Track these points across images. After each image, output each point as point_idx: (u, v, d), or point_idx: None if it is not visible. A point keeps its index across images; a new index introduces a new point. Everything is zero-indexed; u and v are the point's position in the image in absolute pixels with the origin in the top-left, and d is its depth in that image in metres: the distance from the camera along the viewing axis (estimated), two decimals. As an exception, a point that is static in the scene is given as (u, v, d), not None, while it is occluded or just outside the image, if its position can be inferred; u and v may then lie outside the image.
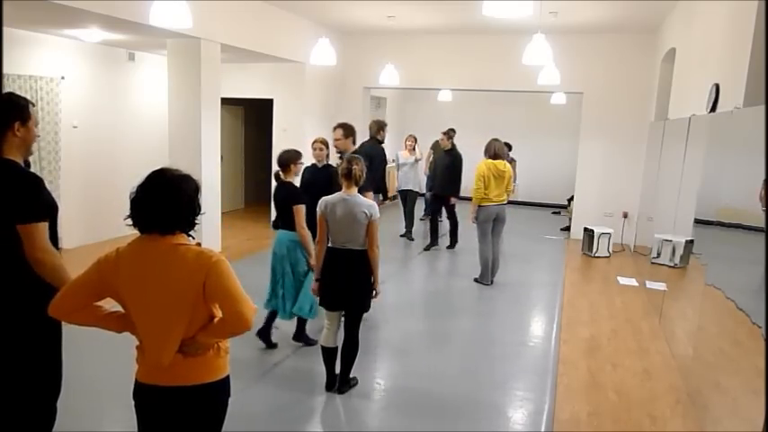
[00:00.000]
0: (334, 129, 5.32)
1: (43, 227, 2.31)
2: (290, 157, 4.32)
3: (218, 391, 2.07)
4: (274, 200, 4.44)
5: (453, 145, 8.10)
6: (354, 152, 7.39)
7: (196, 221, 2.02)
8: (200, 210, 2.02)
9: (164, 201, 1.93)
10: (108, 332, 2.06)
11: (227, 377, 2.11)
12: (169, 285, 1.92)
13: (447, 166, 8.02)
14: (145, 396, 2.05)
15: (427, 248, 8.11)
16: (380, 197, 7.05)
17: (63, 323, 2.15)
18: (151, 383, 2.02)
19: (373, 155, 7.04)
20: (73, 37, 6.90)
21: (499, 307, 5.94)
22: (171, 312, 1.94)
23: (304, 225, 4.20)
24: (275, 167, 4.43)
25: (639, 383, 4.18)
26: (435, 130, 10.46)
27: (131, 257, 1.96)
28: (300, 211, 4.19)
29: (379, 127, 7.08)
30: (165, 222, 1.94)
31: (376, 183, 7.03)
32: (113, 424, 3.42)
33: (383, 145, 6.77)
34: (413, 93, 12.78)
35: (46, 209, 2.36)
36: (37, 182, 2.35)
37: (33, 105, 2.48)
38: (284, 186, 4.33)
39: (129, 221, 1.96)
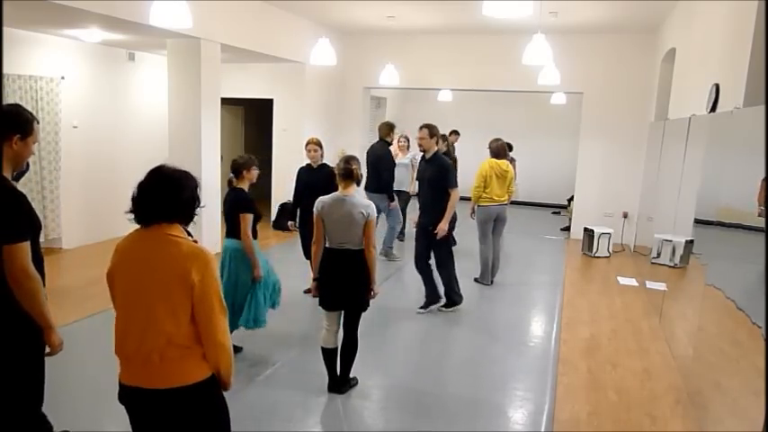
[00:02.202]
0: (420, 128, 5.36)
1: (25, 246, 2.24)
2: (244, 164, 4.17)
3: (203, 392, 2.02)
4: (223, 205, 4.26)
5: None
6: (369, 153, 7.42)
7: (195, 213, 2.08)
8: (199, 202, 2.08)
9: (161, 191, 2.00)
10: (107, 332, 2.05)
11: (212, 377, 2.03)
12: (157, 267, 1.96)
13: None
14: (128, 399, 2.04)
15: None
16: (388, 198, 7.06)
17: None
18: (134, 386, 2.01)
19: (382, 156, 7.08)
20: (73, 37, 6.90)
21: (499, 307, 5.94)
22: (155, 294, 1.96)
23: (249, 234, 4.02)
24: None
25: (639, 383, 4.17)
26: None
27: (127, 244, 2.05)
28: (246, 219, 4.01)
29: (389, 129, 7.14)
30: (163, 212, 1.99)
31: (385, 184, 7.04)
32: (113, 424, 3.42)
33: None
34: (413, 93, 12.76)
35: (28, 227, 2.28)
36: (20, 200, 2.27)
37: (38, 123, 2.44)
38: (233, 191, 4.17)
39: (131, 216, 2.02)
